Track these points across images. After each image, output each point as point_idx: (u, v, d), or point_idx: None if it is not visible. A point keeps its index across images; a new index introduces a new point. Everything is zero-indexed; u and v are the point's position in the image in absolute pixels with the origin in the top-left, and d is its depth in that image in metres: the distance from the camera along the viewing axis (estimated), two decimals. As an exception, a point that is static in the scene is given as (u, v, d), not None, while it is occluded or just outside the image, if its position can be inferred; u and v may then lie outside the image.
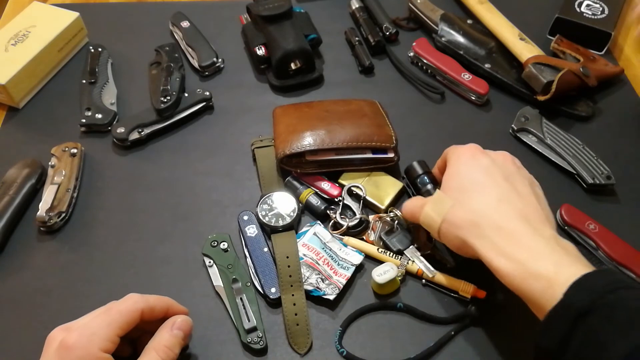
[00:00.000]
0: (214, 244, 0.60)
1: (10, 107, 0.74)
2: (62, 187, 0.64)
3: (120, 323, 0.45)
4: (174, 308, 0.50)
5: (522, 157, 0.67)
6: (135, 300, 0.47)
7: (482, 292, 0.57)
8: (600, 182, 0.65)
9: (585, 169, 0.66)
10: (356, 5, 0.86)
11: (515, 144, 0.72)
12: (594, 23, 0.81)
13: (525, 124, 0.71)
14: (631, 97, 0.79)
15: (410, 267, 0.59)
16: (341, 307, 0.58)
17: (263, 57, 0.76)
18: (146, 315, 0.47)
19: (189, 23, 0.82)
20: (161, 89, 0.71)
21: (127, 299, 0.47)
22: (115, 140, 0.69)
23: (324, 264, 0.58)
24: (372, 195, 0.64)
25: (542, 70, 0.73)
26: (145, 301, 0.47)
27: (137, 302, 0.47)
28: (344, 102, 0.70)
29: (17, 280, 0.59)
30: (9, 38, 0.75)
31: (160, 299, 0.49)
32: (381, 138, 0.65)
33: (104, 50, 0.79)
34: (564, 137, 0.69)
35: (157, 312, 0.48)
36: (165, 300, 0.50)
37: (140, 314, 0.47)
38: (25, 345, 0.54)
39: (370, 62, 0.79)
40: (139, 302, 0.47)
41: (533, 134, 0.70)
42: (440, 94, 0.77)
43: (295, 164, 0.65)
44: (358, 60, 0.80)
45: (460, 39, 0.80)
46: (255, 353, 0.54)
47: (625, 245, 0.60)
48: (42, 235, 0.62)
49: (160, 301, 0.49)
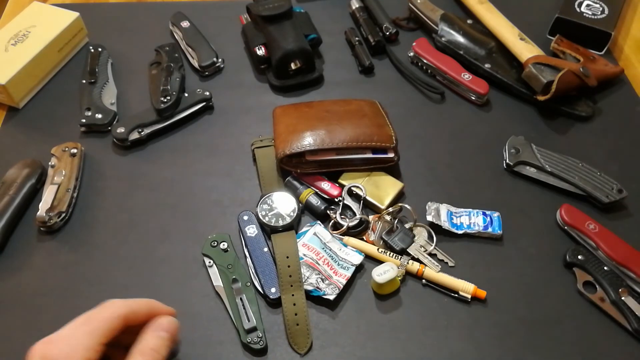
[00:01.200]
0: (213, 244, 0.60)
1: (10, 107, 0.74)
2: (62, 187, 0.64)
3: (103, 331, 0.43)
4: (158, 309, 0.48)
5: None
6: (117, 306, 0.45)
7: (482, 292, 0.58)
8: (615, 198, 0.64)
9: (596, 189, 0.64)
10: (356, 5, 0.86)
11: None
12: (594, 23, 0.81)
13: (519, 156, 0.68)
14: (631, 97, 0.79)
15: (410, 267, 0.59)
16: (341, 307, 0.58)
17: (263, 57, 0.76)
18: (130, 320, 0.46)
19: (189, 23, 0.82)
20: (161, 89, 0.71)
21: (108, 306, 0.45)
22: (115, 140, 0.69)
23: (324, 264, 0.58)
24: (372, 195, 0.64)
25: (542, 70, 0.73)
26: (127, 306, 0.45)
27: (118, 307, 0.45)
28: (344, 102, 0.70)
29: (17, 280, 0.59)
30: (9, 38, 0.75)
31: (142, 301, 0.47)
32: (381, 138, 0.65)
33: (104, 50, 0.79)
34: (560, 160, 0.67)
35: (141, 315, 0.46)
36: (148, 302, 0.48)
37: (122, 320, 0.45)
38: (25, 346, 0.54)
39: (370, 62, 0.79)
40: (120, 307, 0.45)
41: (530, 164, 0.67)
42: (440, 94, 0.77)
43: (295, 164, 0.65)
44: (358, 60, 0.80)
45: (460, 39, 0.80)
46: (255, 353, 0.54)
47: (625, 245, 0.60)
48: (42, 235, 0.62)
49: (144, 304, 0.47)
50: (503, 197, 0.66)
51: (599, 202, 0.65)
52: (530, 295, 0.59)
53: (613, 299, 0.57)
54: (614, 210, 0.66)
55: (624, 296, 0.57)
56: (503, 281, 0.59)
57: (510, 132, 0.71)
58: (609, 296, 0.57)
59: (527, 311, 0.58)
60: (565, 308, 0.58)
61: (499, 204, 0.65)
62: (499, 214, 0.63)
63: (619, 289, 0.57)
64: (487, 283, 0.59)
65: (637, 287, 0.58)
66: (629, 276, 0.59)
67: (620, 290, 0.57)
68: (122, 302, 0.46)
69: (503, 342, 0.55)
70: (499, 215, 0.63)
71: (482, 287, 0.58)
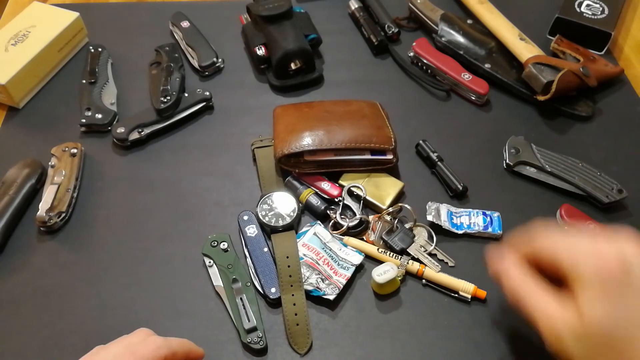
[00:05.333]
0: (214, 244, 0.60)
1: (10, 107, 0.74)
2: (62, 187, 0.64)
3: None
4: (194, 352, 0.49)
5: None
6: (159, 345, 0.45)
7: (483, 292, 0.58)
8: (615, 198, 0.64)
9: (597, 189, 0.64)
10: (355, 5, 0.86)
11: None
12: (594, 23, 0.81)
13: (519, 156, 0.68)
14: (631, 97, 0.79)
15: (410, 267, 0.59)
16: (341, 307, 0.58)
17: (263, 57, 0.76)
18: None
19: (189, 23, 0.82)
20: (161, 89, 0.71)
21: (148, 343, 0.45)
22: (115, 140, 0.69)
23: (324, 264, 0.58)
24: (373, 195, 0.64)
25: (542, 70, 0.73)
26: (169, 346, 0.46)
27: (160, 347, 0.45)
28: (345, 102, 0.70)
29: (17, 280, 0.59)
30: (9, 38, 0.75)
31: (182, 343, 0.48)
32: (380, 139, 0.65)
33: (104, 50, 0.79)
34: (560, 160, 0.67)
35: (179, 357, 0.47)
36: (186, 343, 0.49)
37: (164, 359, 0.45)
38: (25, 346, 0.54)
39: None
40: (162, 347, 0.45)
41: (530, 164, 0.67)
42: (446, 90, 0.77)
43: (294, 163, 0.65)
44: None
45: (460, 39, 0.80)
46: (255, 353, 0.54)
47: (625, 245, 0.60)
48: (42, 235, 0.62)
49: (182, 345, 0.48)
50: (503, 197, 0.66)
51: (599, 202, 0.65)
52: (530, 295, 0.59)
53: (613, 299, 0.57)
54: (614, 210, 0.66)
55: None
56: (503, 281, 0.59)
57: (510, 132, 0.71)
58: (609, 296, 0.57)
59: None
60: (565, 308, 0.58)
61: (499, 204, 0.65)
62: (499, 214, 0.63)
63: (619, 289, 0.57)
64: (487, 283, 0.58)
65: (637, 287, 0.58)
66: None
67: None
68: (164, 341, 0.46)
69: (503, 342, 0.55)
70: (499, 215, 0.63)
71: (482, 287, 0.58)
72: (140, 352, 0.44)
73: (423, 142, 0.69)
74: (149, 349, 0.44)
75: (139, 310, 0.57)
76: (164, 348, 0.45)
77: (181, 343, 0.48)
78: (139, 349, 0.44)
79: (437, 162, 0.67)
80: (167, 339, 0.46)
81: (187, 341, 0.49)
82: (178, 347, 0.47)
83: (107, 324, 0.56)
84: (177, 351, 0.46)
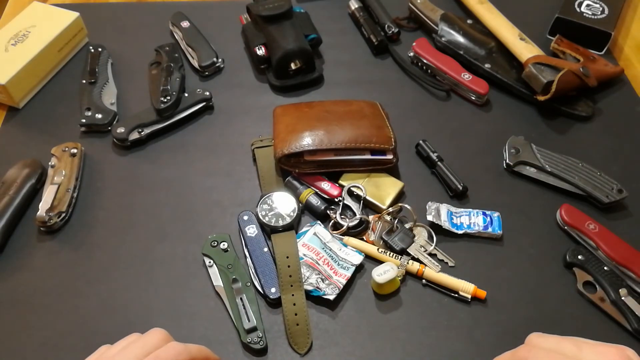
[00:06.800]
0: (214, 244, 0.60)
1: (10, 107, 0.74)
2: (62, 187, 0.64)
3: None
4: (211, 359, 0.49)
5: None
6: (179, 352, 0.45)
7: (483, 292, 0.58)
8: (615, 198, 0.64)
9: (597, 189, 0.65)
10: (355, 5, 0.86)
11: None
12: (594, 23, 0.81)
13: (519, 156, 0.68)
14: (631, 97, 0.79)
15: (410, 267, 0.59)
16: (341, 307, 0.58)
17: (263, 57, 0.76)
18: None
19: (189, 23, 0.82)
20: (161, 89, 0.71)
21: (169, 348, 0.44)
22: (115, 140, 0.69)
23: (324, 264, 0.58)
24: (373, 195, 0.64)
25: (542, 70, 0.73)
26: (188, 352, 0.45)
27: (180, 353, 0.44)
28: (345, 102, 0.70)
29: (17, 280, 0.59)
30: (9, 38, 0.75)
31: (200, 349, 0.48)
32: (380, 140, 0.65)
33: (104, 50, 0.79)
34: (560, 160, 0.67)
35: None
36: (204, 350, 0.48)
37: None
38: (25, 346, 0.54)
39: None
40: (182, 353, 0.45)
41: (530, 164, 0.67)
42: (446, 90, 0.77)
43: (294, 163, 0.65)
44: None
45: (460, 39, 0.80)
46: (255, 353, 0.54)
47: (625, 245, 0.60)
48: (42, 235, 0.62)
49: (201, 352, 0.48)
50: (503, 197, 0.66)
51: (599, 202, 0.65)
52: (530, 295, 0.59)
53: (613, 299, 0.57)
54: (614, 210, 0.66)
55: (624, 296, 0.57)
56: (503, 281, 0.59)
57: (510, 132, 0.71)
58: (609, 296, 0.57)
59: (527, 311, 0.58)
60: (565, 308, 0.58)
61: (499, 204, 0.65)
62: (499, 214, 0.63)
63: (618, 289, 0.57)
64: (487, 283, 0.59)
65: (637, 287, 0.58)
66: (629, 276, 0.59)
67: (620, 291, 0.57)
68: (184, 347, 0.45)
69: (503, 342, 0.55)
70: (499, 215, 0.63)
71: (482, 287, 0.58)
72: (162, 357, 0.43)
73: (423, 142, 0.69)
74: (169, 355, 0.44)
75: (138, 310, 0.57)
76: (184, 354, 0.45)
77: (199, 350, 0.48)
78: (161, 354, 0.44)
79: (437, 162, 0.67)
80: (187, 345, 0.46)
81: (205, 348, 0.49)
82: (197, 354, 0.47)
83: (107, 324, 0.56)
84: (195, 357, 0.46)
